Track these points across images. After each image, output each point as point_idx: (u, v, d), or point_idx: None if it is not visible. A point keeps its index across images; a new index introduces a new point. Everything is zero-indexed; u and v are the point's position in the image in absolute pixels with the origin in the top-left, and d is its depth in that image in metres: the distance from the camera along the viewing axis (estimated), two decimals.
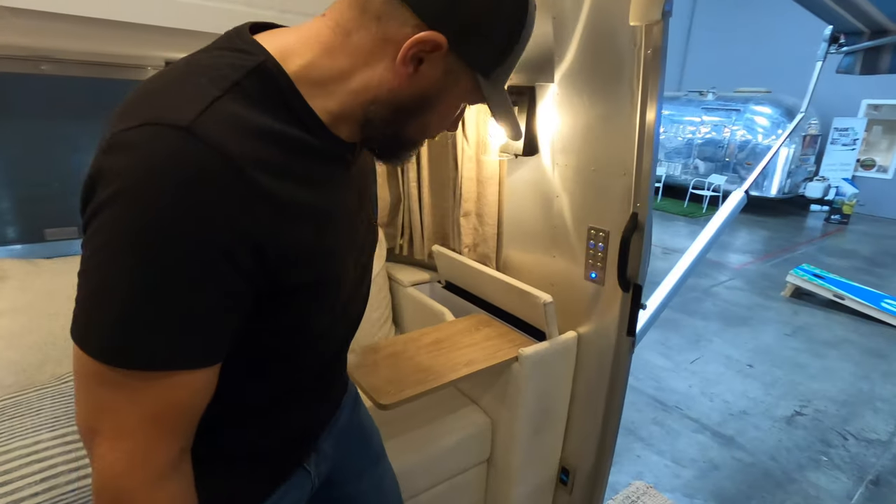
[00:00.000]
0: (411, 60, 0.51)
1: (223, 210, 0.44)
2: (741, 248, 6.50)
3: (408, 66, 0.51)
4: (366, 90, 0.53)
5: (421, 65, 0.52)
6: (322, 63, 0.52)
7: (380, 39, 0.51)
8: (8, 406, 1.12)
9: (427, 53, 0.51)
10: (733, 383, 3.14)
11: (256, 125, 0.48)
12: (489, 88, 0.57)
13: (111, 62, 1.33)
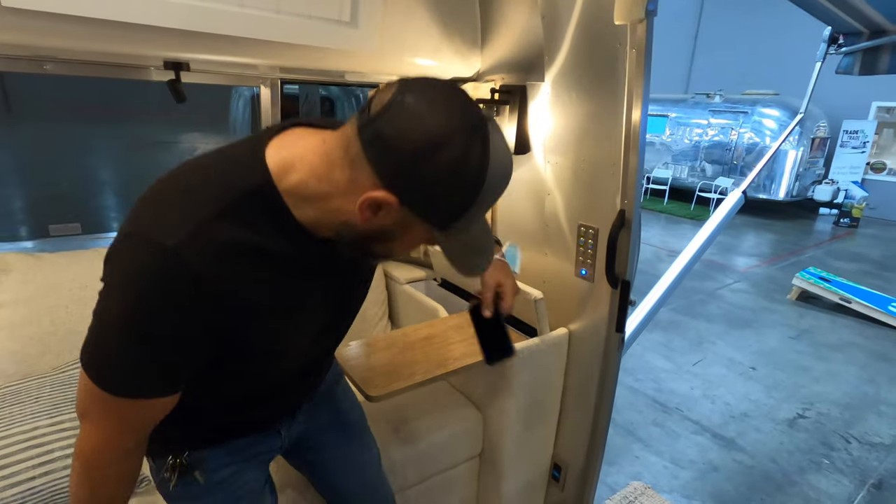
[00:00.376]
0: (368, 208, 0.59)
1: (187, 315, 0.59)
2: (747, 251, 6.45)
3: (365, 212, 0.59)
4: (339, 213, 0.62)
5: (379, 211, 0.59)
6: (310, 183, 0.62)
7: (351, 181, 0.59)
8: (8, 394, 1.16)
9: (382, 205, 0.58)
10: (735, 386, 3.12)
11: (236, 244, 0.60)
12: (443, 238, 0.64)
13: (114, 62, 1.37)
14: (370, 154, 0.56)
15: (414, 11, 1.39)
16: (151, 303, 0.57)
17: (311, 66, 1.38)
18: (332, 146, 0.60)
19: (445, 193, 0.58)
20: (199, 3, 1.04)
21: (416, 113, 0.55)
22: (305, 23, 1.18)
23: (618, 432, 2.59)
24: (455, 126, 0.56)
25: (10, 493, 1.01)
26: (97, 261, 1.45)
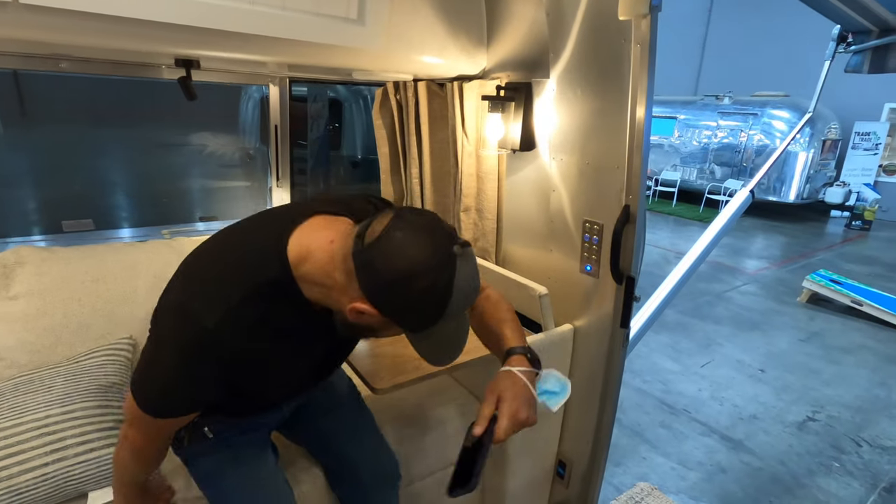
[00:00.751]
0: (355, 312, 0.75)
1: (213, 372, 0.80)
2: (757, 253, 6.39)
3: (352, 314, 0.75)
4: (337, 303, 0.79)
5: (363, 315, 0.75)
6: (317, 275, 0.79)
7: (346, 286, 0.75)
8: (22, 383, 1.19)
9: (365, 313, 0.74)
10: (744, 388, 3.09)
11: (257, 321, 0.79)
12: (413, 337, 0.81)
13: (126, 60, 1.40)
14: (360, 275, 0.72)
15: (420, 9, 1.41)
16: (191, 364, 0.78)
17: (318, 64, 1.40)
18: (336, 250, 0.76)
19: (416, 311, 0.75)
20: (210, 0, 1.06)
21: (399, 249, 0.71)
22: (313, 20, 1.20)
23: (624, 433, 2.58)
24: (429, 263, 0.71)
25: (24, 478, 1.03)
26: (109, 255, 1.48)
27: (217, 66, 1.52)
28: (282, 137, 1.88)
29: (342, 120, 4.59)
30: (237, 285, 0.78)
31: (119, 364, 1.32)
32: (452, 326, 0.80)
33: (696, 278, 5.10)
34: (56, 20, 0.96)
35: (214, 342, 0.76)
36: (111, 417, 1.19)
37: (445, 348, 0.85)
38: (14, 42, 1.15)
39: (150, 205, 6.15)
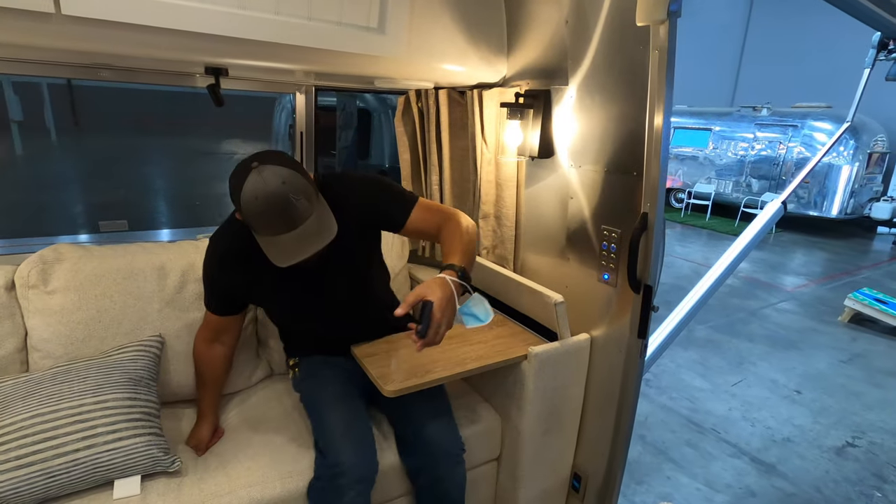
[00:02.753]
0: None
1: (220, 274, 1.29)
2: (796, 269, 6.12)
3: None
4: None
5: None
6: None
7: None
8: (60, 372, 1.25)
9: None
10: (778, 409, 2.95)
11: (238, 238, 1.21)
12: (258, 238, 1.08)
13: (161, 69, 1.48)
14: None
15: (441, 18, 1.44)
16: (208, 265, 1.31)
17: (341, 72, 1.45)
18: None
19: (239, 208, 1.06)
20: (237, 10, 1.11)
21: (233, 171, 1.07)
22: (335, 29, 1.24)
23: (648, 451, 2.50)
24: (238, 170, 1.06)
25: (57, 462, 1.08)
26: (140, 254, 1.55)
27: (246, 75, 1.59)
28: (307, 144, 1.94)
29: (370, 129, 4.68)
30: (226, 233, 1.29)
31: (148, 359, 1.38)
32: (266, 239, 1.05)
33: (730, 294, 4.92)
34: (95, 30, 1.03)
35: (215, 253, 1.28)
36: (139, 409, 1.24)
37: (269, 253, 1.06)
38: (58, 52, 1.24)
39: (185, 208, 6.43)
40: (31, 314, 1.37)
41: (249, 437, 1.38)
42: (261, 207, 1.00)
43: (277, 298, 1.31)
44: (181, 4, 1.06)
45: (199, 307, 1.54)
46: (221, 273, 1.27)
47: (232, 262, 1.25)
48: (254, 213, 1.01)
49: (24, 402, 1.17)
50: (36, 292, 1.38)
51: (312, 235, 1.04)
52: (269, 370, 1.70)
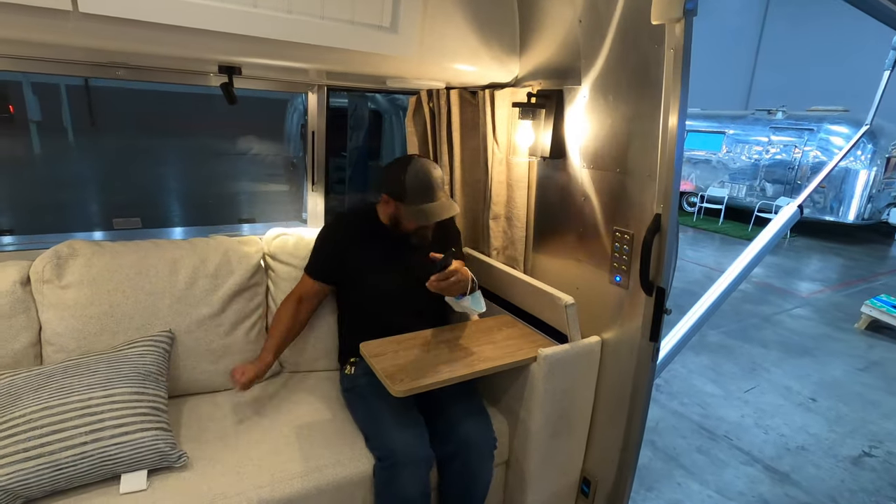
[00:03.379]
0: (384, 203, 1.57)
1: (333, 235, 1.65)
2: (811, 275, 6.02)
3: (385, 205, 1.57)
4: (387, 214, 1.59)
5: (388, 203, 1.54)
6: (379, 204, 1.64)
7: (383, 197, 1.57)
8: (71, 366, 1.27)
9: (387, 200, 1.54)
10: (792, 416, 2.89)
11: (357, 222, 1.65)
12: (408, 208, 1.48)
13: (176, 68, 1.50)
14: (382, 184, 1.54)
15: (453, 18, 1.43)
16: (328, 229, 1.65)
17: (354, 71, 1.45)
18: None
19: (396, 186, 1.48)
20: (251, 9, 1.12)
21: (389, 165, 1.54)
22: (348, 28, 1.24)
23: (659, 457, 2.46)
24: (399, 161, 1.51)
25: (65, 454, 1.09)
26: (153, 251, 1.57)
27: (259, 74, 1.60)
28: (318, 143, 1.94)
29: (381, 131, 4.69)
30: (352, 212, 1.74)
31: (157, 355, 1.39)
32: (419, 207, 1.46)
33: (743, 299, 4.85)
34: (111, 28, 1.04)
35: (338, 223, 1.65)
36: (146, 404, 1.25)
37: (418, 217, 1.47)
38: (75, 50, 1.25)
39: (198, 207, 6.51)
40: (45, 308, 1.39)
41: (260, 435, 1.38)
42: (423, 181, 1.45)
43: (370, 268, 1.59)
44: (195, 2, 1.07)
45: (209, 303, 1.55)
46: (338, 236, 1.60)
47: (349, 230, 1.61)
48: (416, 184, 1.45)
49: (35, 395, 1.18)
50: (50, 287, 1.39)
51: (446, 207, 1.49)
52: (278, 367, 1.70)
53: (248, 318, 1.63)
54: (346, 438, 1.38)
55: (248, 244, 1.69)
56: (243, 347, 1.60)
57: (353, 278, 1.60)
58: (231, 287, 1.59)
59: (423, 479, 1.28)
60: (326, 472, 1.27)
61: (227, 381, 1.57)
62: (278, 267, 1.72)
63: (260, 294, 1.69)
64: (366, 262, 1.58)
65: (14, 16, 1.00)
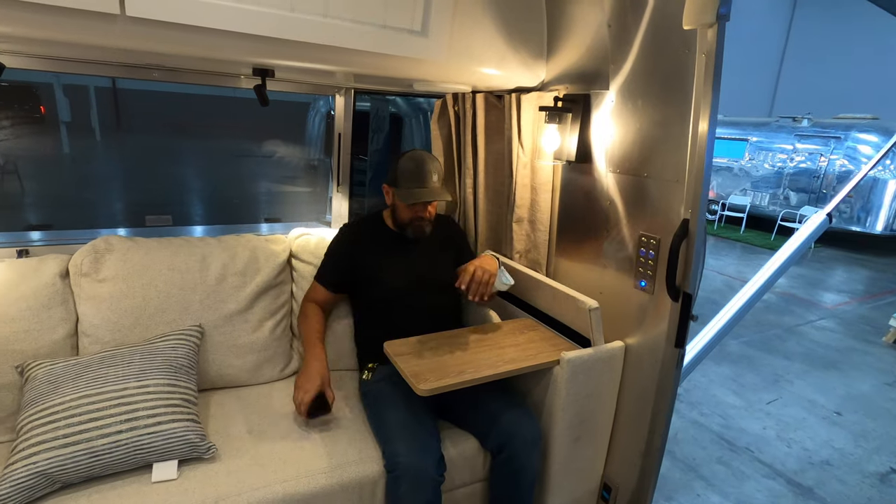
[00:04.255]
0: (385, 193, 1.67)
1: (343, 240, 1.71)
2: (836, 286, 5.88)
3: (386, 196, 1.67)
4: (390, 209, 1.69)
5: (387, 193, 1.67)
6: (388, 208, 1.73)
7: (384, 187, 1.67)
8: (107, 357, 1.31)
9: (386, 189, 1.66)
10: (816, 430, 2.82)
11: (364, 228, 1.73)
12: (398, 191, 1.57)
13: (211, 70, 1.54)
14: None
15: (482, 22, 1.45)
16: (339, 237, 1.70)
17: (383, 74, 1.47)
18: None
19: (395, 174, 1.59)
20: (288, 13, 1.15)
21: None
22: (380, 32, 1.27)
23: (678, 466, 2.43)
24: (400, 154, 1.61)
25: (101, 442, 1.13)
26: (184, 247, 1.61)
27: (290, 77, 1.64)
28: (344, 146, 1.98)
29: (401, 134, 4.73)
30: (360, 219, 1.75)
31: (188, 348, 1.42)
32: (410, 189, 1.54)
33: (765, 309, 4.76)
34: (157, 31, 1.08)
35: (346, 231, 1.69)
36: (178, 396, 1.28)
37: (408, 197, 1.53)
38: (116, 52, 1.30)
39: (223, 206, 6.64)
40: (82, 301, 1.44)
41: (285, 431, 1.40)
42: (413, 165, 1.55)
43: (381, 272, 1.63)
44: (236, 7, 1.11)
45: (237, 300, 1.58)
46: (347, 246, 1.66)
47: (359, 235, 1.67)
48: (407, 168, 1.55)
49: (74, 384, 1.22)
50: (88, 280, 1.44)
51: (436, 192, 1.55)
52: (301, 364, 1.73)
53: (274, 316, 1.66)
54: (369, 437, 1.40)
55: (276, 243, 1.73)
56: (269, 344, 1.63)
57: (365, 283, 1.63)
58: (258, 284, 1.62)
59: (427, 495, 1.26)
60: (350, 470, 1.29)
61: (253, 377, 1.60)
62: (301, 266, 1.75)
63: (286, 292, 1.72)
64: (376, 266, 1.62)
65: (63, 18, 1.04)
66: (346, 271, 1.63)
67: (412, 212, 1.58)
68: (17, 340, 1.34)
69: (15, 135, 7.18)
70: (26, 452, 1.09)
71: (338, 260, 1.65)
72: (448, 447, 1.41)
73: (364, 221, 1.73)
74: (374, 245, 1.65)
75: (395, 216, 1.64)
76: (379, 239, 1.67)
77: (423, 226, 1.61)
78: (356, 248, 1.64)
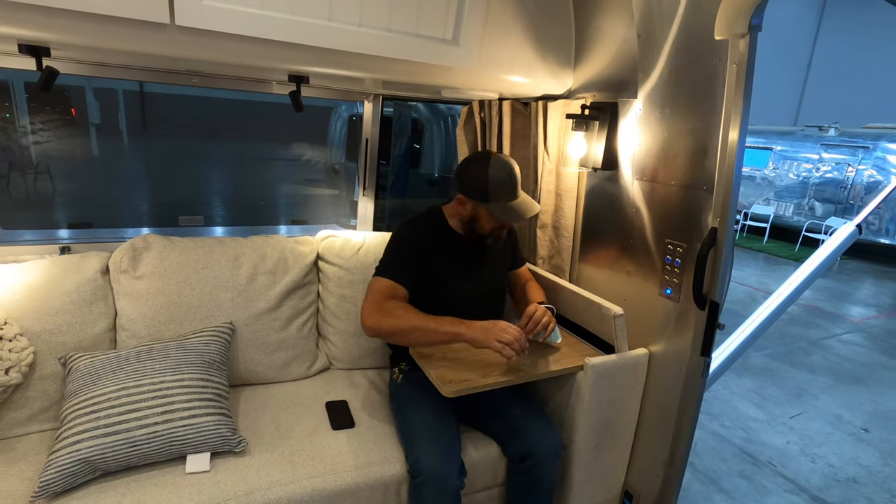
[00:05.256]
0: (459, 203, 1.49)
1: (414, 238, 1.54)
2: (864, 300, 5.73)
3: (459, 205, 1.50)
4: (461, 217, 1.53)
5: (465, 204, 1.47)
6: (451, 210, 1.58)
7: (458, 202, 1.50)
8: (144, 351, 1.36)
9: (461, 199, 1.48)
10: (842, 446, 2.76)
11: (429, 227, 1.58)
12: (492, 206, 1.43)
13: (245, 76, 1.60)
14: (457, 184, 1.48)
15: (511, 31, 1.48)
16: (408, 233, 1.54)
17: (414, 81, 1.51)
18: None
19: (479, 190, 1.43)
20: (326, 22, 1.19)
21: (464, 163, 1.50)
22: (413, 40, 1.30)
23: (698, 478, 2.40)
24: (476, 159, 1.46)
25: (139, 433, 1.18)
26: (217, 247, 1.66)
27: (322, 84, 1.68)
28: (371, 150, 2.02)
29: (423, 140, 4.78)
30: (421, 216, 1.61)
31: (220, 344, 1.47)
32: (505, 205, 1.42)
33: (789, 322, 4.66)
34: (203, 40, 1.14)
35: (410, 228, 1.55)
36: (211, 390, 1.33)
37: (507, 215, 1.43)
38: (161, 59, 1.36)
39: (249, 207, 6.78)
40: (121, 297, 1.50)
41: (312, 428, 1.43)
42: (507, 177, 1.42)
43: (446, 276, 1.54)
44: (277, 17, 1.15)
45: (267, 299, 1.63)
46: (420, 240, 1.53)
47: (425, 236, 1.55)
48: (500, 181, 1.41)
49: (114, 376, 1.27)
50: (126, 277, 1.50)
51: (530, 204, 1.46)
52: (326, 363, 1.76)
53: (302, 315, 1.70)
54: (393, 438, 1.42)
55: (304, 244, 1.77)
56: (296, 342, 1.67)
57: (426, 285, 1.50)
58: (287, 284, 1.66)
59: (448, 502, 1.27)
60: (375, 469, 1.31)
61: (281, 374, 1.64)
62: (326, 268, 1.79)
63: (313, 293, 1.76)
64: (442, 269, 1.52)
65: (116, 28, 1.10)
66: (417, 268, 1.48)
67: (500, 224, 1.47)
68: (61, 333, 1.40)
69: (49, 137, 7.44)
70: (71, 440, 1.14)
71: (410, 256, 1.49)
72: (470, 451, 1.42)
73: (426, 222, 1.58)
74: (439, 246, 1.53)
75: (473, 225, 1.49)
76: (443, 239, 1.55)
77: (503, 235, 1.55)
78: (423, 248, 1.51)
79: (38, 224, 4.77)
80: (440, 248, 1.53)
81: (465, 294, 1.53)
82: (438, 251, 1.52)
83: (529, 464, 1.39)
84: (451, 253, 1.54)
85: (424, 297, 1.49)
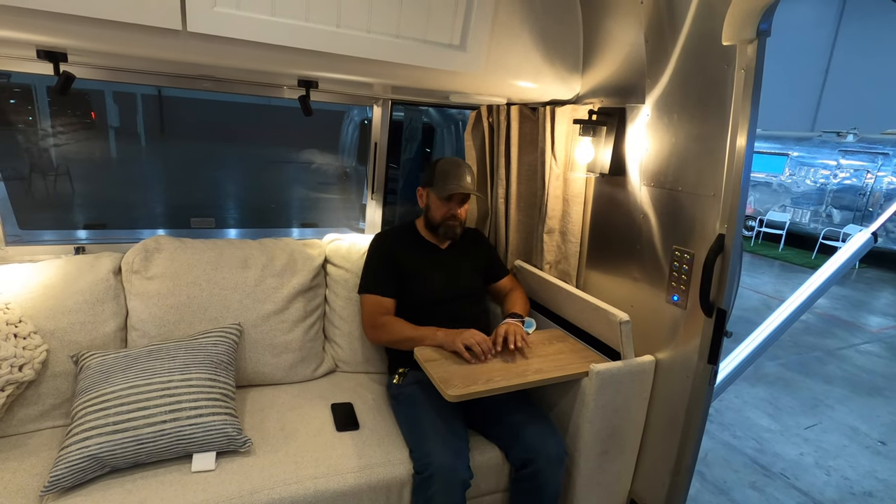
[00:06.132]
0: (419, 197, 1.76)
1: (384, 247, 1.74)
2: (882, 309, 5.60)
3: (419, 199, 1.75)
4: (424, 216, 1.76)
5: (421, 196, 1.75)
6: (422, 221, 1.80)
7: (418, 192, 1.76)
8: (153, 350, 1.38)
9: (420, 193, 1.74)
10: (858, 459, 2.69)
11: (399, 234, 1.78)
12: (437, 189, 1.64)
13: (256, 81, 1.62)
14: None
15: (519, 36, 1.48)
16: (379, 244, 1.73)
17: (422, 86, 1.52)
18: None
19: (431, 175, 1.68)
20: (335, 28, 1.21)
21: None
22: (421, 46, 1.31)
23: (707, 488, 2.36)
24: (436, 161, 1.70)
25: (147, 430, 1.20)
26: (227, 248, 1.68)
27: (332, 88, 1.70)
28: (380, 155, 2.03)
29: (433, 144, 4.80)
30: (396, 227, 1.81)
31: (228, 345, 1.49)
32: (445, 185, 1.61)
33: (805, 331, 4.58)
34: (215, 46, 1.16)
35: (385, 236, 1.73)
36: (218, 390, 1.34)
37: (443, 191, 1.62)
38: (173, 64, 1.39)
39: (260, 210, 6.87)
40: (132, 297, 1.53)
41: (316, 430, 1.44)
42: (449, 165, 1.64)
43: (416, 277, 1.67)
44: (288, 23, 1.17)
45: (274, 301, 1.64)
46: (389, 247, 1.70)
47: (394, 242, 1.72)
48: (444, 168, 1.63)
49: (124, 375, 1.30)
50: (138, 277, 1.53)
51: (473, 190, 1.64)
52: (333, 365, 1.78)
53: (309, 317, 1.72)
54: (396, 441, 1.42)
55: (312, 247, 1.79)
56: (303, 344, 1.69)
57: (403, 285, 1.66)
58: (295, 286, 1.68)
59: (457, 497, 1.28)
60: (378, 471, 1.32)
61: (287, 375, 1.66)
62: (333, 271, 1.81)
63: (320, 296, 1.78)
64: (413, 268, 1.67)
65: (130, 34, 1.13)
66: (394, 276, 1.66)
67: (446, 209, 1.63)
68: (74, 331, 1.43)
69: (69, 139, 7.62)
70: (80, 437, 1.17)
71: (384, 267, 1.67)
72: (475, 455, 1.42)
73: (397, 230, 1.78)
74: (409, 251, 1.70)
75: (429, 217, 1.69)
76: (413, 246, 1.72)
77: (455, 226, 1.67)
78: (394, 253, 1.68)
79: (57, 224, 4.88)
80: (409, 249, 1.71)
81: (439, 289, 1.67)
82: (408, 252, 1.70)
83: (532, 470, 1.38)
84: (421, 252, 1.72)
85: (405, 297, 1.66)
